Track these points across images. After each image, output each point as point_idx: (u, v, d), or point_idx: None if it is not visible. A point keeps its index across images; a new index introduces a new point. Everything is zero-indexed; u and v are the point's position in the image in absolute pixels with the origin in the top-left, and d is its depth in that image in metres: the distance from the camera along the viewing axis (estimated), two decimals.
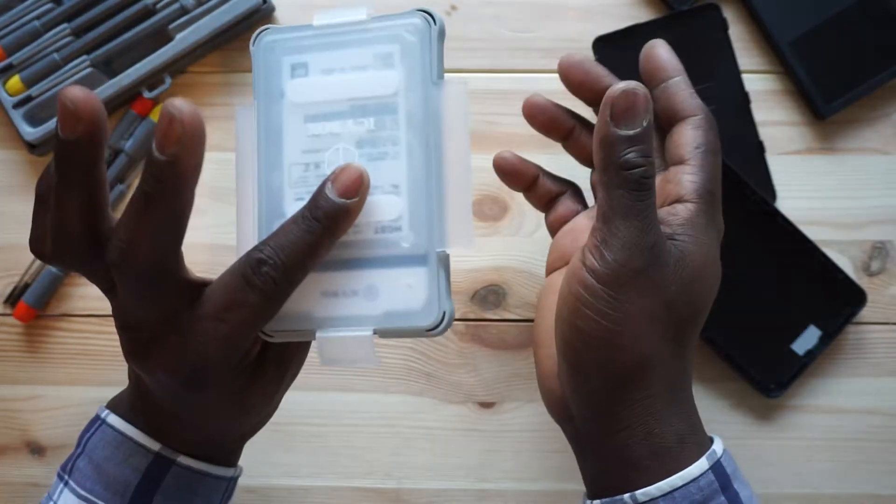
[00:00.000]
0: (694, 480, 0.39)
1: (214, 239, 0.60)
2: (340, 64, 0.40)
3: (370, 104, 0.39)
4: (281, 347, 0.41)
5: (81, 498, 0.41)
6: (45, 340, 0.61)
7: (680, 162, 0.43)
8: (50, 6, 0.59)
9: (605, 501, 0.41)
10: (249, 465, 0.48)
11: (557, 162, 0.50)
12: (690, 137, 0.43)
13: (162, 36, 0.60)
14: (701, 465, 0.40)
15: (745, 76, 0.59)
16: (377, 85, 0.39)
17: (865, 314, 0.57)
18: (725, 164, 0.55)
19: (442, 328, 0.38)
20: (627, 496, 0.40)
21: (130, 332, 0.38)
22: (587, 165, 0.49)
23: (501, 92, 0.61)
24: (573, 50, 0.58)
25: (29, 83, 0.60)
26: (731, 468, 0.41)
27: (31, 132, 0.59)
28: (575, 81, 0.47)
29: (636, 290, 0.39)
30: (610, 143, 0.39)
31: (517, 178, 0.49)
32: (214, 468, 0.44)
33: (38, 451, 0.60)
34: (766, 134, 0.59)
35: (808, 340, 0.56)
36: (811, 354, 0.56)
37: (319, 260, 0.37)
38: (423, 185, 0.39)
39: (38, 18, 0.59)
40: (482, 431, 0.59)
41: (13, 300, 0.61)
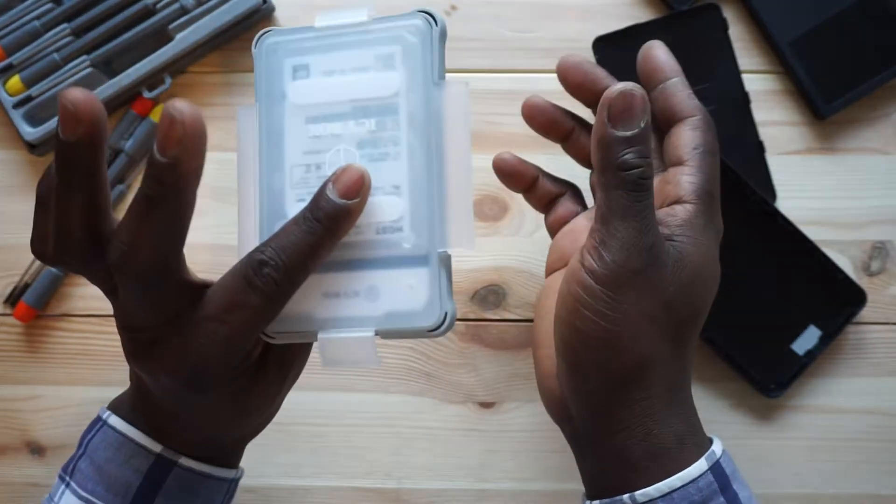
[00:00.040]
0: (693, 481, 0.39)
1: (216, 239, 0.60)
2: (342, 65, 0.40)
3: (371, 105, 0.39)
4: (283, 349, 0.41)
5: (83, 499, 0.41)
6: (45, 340, 0.61)
7: (678, 163, 0.43)
8: (50, 6, 0.59)
9: (604, 502, 0.41)
10: (249, 465, 0.48)
11: (557, 162, 0.50)
12: (688, 138, 0.43)
13: (162, 36, 0.60)
14: (700, 465, 0.40)
15: (745, 76, 0.59)
16: (378, 86, 0.39)
17: (865, 314, 0.57)
18: (725, 163, 0.55)
19: (444, 329, 0.38)
20: (626, 497, 0.40)
21: (132, 333, 0.38)
22: (586, 166, 0.49)
23: (501, 92, 0.61)
24: (573, 50, 0.58)
25: (29, 83, 0.59)
26: (730, 469, 0.41)
27: (31, 132, 0.59)
28: (573, 83, 0.47)
29: (635, 290, 0.39)
30: (608, 144, 0.39)
31: (517, 179, 0.49)
32: (216, 469, 0.44)
33: (38, 451, 0.60)
34: (766, 134, 0.59)
35: (808, 340, 0.56)
36: (811, 354, 0.56)
37: (321, 261, 0.37)
38: (424, 185, 0.38)
39: (38, 18, 0.59)
40: (482, 431, 0.59)
41: (13, 300, 0.61)
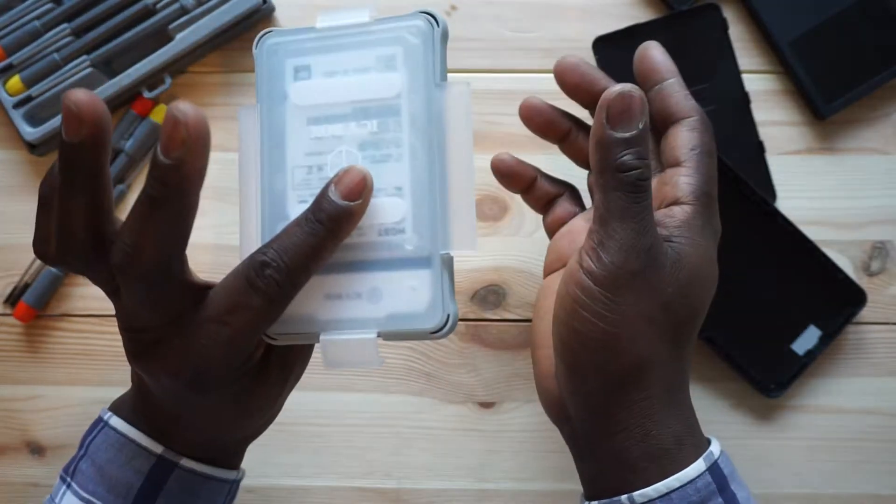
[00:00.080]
0: (691, 482, 0.39)
1: (217, 239, 0.60)
2: (343, 66, 0.40)
3: (373, 106, 0.39)
4: (284, 350, 0.41)
5: (84, 500, 0.41)
6: (45, 340, 0.61)
7: (676, 164, 0.43)
8: (50, 6, 0.59)
9: (602, 502, 0.41)
10: (250, 465, 0.48)
11: (556, 163, 0.50)
12: (686, 139, 0.43)
13: (162, 36, 0.60)
14: (698, 466, 0.40)
15: (745, 76, 0.59)
16: (380, 87, 0.39)
17: (865, 314, 0.58)
18: (725, 163, 0.55)
19: (446, 330, 0.38)
20: (625, 497, 0.40)
21: (133, 333, 0.38)
22: (583, 167, 0.49)
23: (501, 92, 0.61)
24: (573, 50, 0.58)
25: (29, 83, 0.59)
26: (728, 469, 0.41)
27: (31, 132, 0.59)
28: (570, 84, 0.47)
29: (633, 292, 0.39)
30: (606, 145, 0.39)
31: (515, 180, 0.49)
32: (217, 471, 0.43)
33: (38, 451, 0.60)
34: (766, 134, 0.59)
35: (808, 340, 0.56)
36: (811, 354, 0.56)
37: (323, 262, 0.37)
38: (426, 187, 0.38)
39: (38, 18, 0.59)
40: (482, 431, 0.59)
41: (13, 300, 0.61)
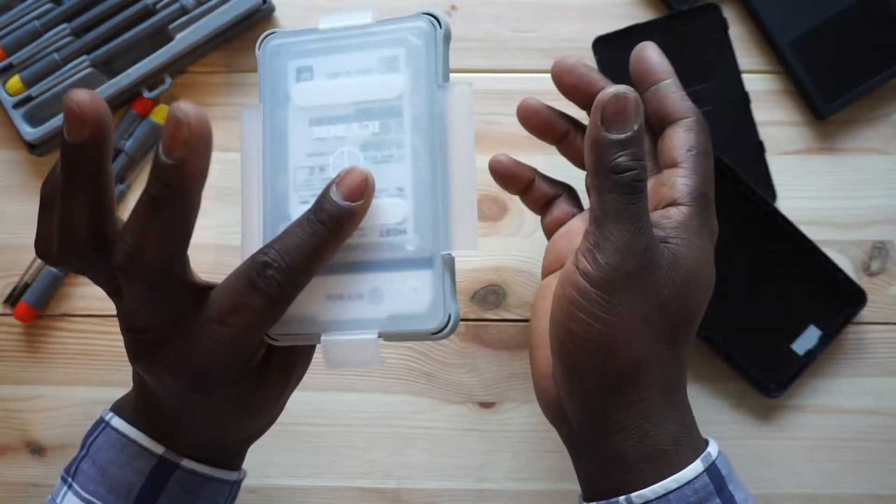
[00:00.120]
0: (689, 483, 0.39)
1: (219, 239, 0.60)
2: (346, 67, 0.40)
3: (375, 107, 0.39)
4: (286, 351, 0.41)
5: (85, 501, 0.41)
6: (45, 340, 0.61)
7: (672, 165, 0.43)
8: (50, 6, 0.59)
9: None
10: (250, 465, 0.48)
11: (556, 163, 0.50)
12: (682, 140, 0.43)
13: (162, 36, 0.60)
14: (696, 467, 0.39)
15: (745, 76, 0.59)
16: (382, 88, 0.39)
17: (865, 314, 0.58)
18: (726, 163, 0.55)
19: (447, 331, 0.38)
20: (623, 499, 0.40)
21: (135, 334, 0.38)
22: (581, 168, 0.49)
23: (501, 92, 0.61)
24: (573, 50, 0.58)
25: (29, 83, 0.59)
26: (726, 470, 0.41)
27: (31, 132, 0.59)
28: (568, 85, 0.47)
29: (629, 293, 0.39)
30: (601, 146, 0.39)
31: (513, 181, 0.49)
32: (218, 472, 0.43)
33: (38, 451, 0.60)
34: (766, 134, 0.59)
35: (808, 340, 0.56)
36: (811, 354, 0.56)
37: (324, 263, 0.37)
38: (428, 187, 0.38)
39: (38, 18, 0.59)
40: (482, 431, 0.59)
41: (13, 300, 0.61)
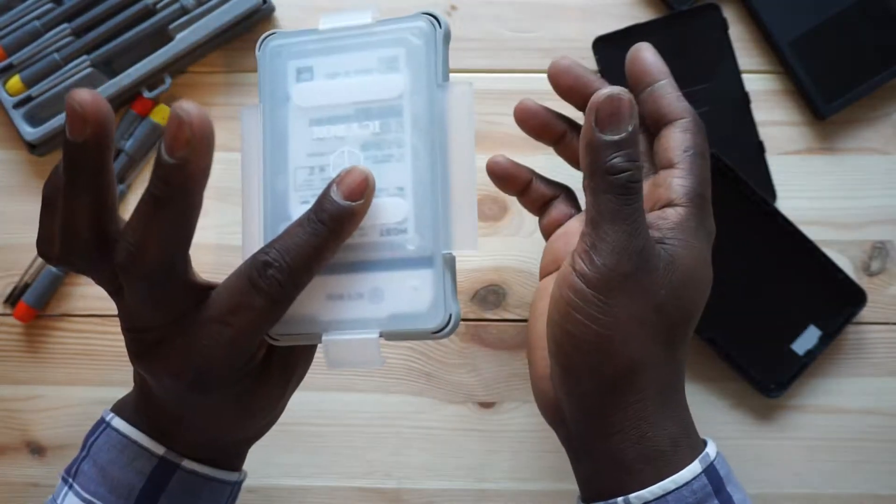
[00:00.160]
0: (687, 484, 0.39)
1: (220, 239, 0.60)
2: (346, 68, 0.40)
3: (375, 107, 0.39)
4: (286, 351, 0.41)
5: (85, 501, 0.41)
6: (45, 340, 0.61)
7: (669, 166, 0.43)
8: (50, 6, 0.59)
9: None
10: (250, 465, 0.48)
11: (555, 164, 0.50)
12: (679, 141, 0.43)
13: (162, 36, 0.60)
14: (694, 468, 0.39)
15: (745, 76, 0.59)
16: (382, 88, 0.39)
17: (865, 314, 0.58)
18: (726, 163, 0.55)
19: (448, 330, 0.38)
20: (621, 499, 0.40)
21: (136, 333, 0.38)
22: (579, 169, 0.49)
23: (501, 92, 0.60)
24: (573, 50, 0.58)
25: (29, 83, 0.59)
26: (724, 471, 0.41)
27: (31, 132, 0.59)
28: (564, 86, 0.47)
29: (625, 294, 0.39)
30: (595, 148, 0.39)
31: (510, 182, 0.49)
32: (219, 472, 0.43)
33: (38, 451, 0.60)
34: (766, 134, 0.59)
35: (808, 340, 0.56)
36: (811, 354, 0.56)
37: (325, 263, 0.37)
38: (428, 187, 0.38)
39: (38, 18, 0.59)
40: (482, 431, 0.59)
41: (13, 300, 0.61)
